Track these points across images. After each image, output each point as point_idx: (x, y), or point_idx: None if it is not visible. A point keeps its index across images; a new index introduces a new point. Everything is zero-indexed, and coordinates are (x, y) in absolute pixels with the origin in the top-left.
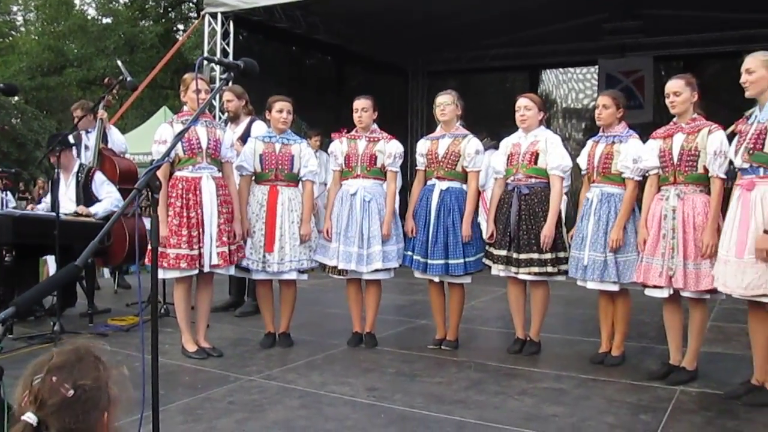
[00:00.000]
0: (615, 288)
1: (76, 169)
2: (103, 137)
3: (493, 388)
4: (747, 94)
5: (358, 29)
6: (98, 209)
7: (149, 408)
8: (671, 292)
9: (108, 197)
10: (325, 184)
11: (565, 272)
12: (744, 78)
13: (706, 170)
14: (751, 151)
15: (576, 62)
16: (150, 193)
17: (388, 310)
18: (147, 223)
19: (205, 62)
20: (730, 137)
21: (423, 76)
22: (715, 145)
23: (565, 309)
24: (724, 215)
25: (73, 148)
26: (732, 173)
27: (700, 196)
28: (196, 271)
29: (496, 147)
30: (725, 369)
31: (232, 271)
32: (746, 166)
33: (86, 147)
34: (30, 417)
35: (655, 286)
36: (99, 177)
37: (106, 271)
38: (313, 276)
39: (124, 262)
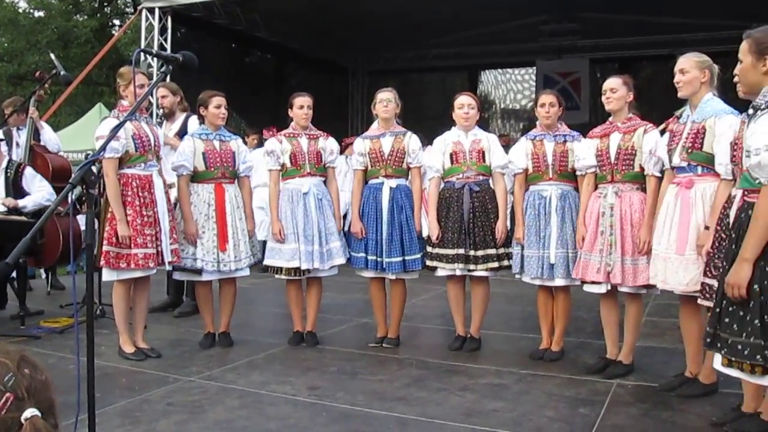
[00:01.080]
0: (578, 283)
1: (4, 164)
2: (35, 134)
3: (435, 385)
4: (680, 94)
5: (299, 27)
6: (27, 202)
7: (85, 411)
8: (609, 287)
9: (39, 191)
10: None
11: (509, 267)
12: (678, 78)
13: (642, 168)
14: (689, 150)
15: (514, 63)
16: (86, 189)
17: (329, 308)
18: (82, 222)
19: (143, 56)
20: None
21: (363, 75)
22: (650, 144)
23: (505, 306)
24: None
25: (2, 143)
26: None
27: (636, 194)
28: (155, 270)
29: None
30: (660, 362)
31: (175, 272)
32: (684, 164)
33: (17, 144)
34: (33, 411)
35: (593, 282)
36: (30, 171)
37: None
38: (252, 275)
39: (58, 263)
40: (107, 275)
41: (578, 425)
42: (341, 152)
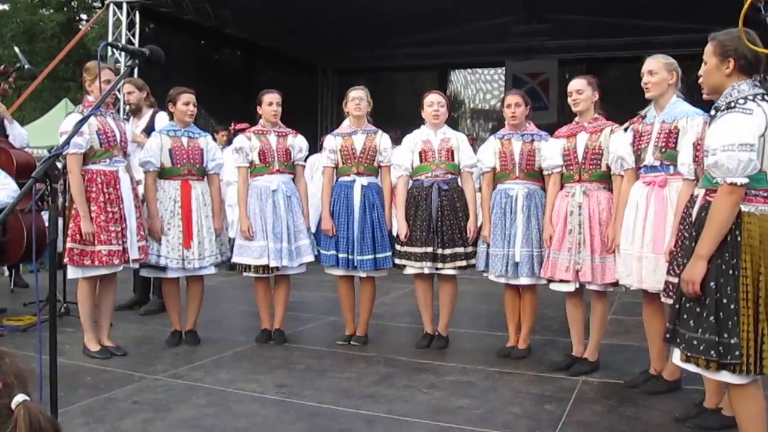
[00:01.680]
0: (544, 282)
1: None
2: (1, 128)
3: (402, 382)
4: (648, 95)
5: (269, 24)
6: None
7: (48, 410)
8: (577, 286)
9: (3, 189)
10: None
11: (473, 265)
12: (646, 79)
13: (609, 168)
14: (663, 150)
15: (484, 63)
16: (49, 183)
17: (298, 306)
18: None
19: (109, 51)
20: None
21: (333, 74)
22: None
23: (472, 304)
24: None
25: None
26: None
27: (604, 193)
28: (121, 267)
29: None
30: (625, 359)
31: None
32: (657, 164)
33: None
34: (22, 396)
35: (561, 281)
36: None
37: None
38: (220, 273)
39: (22, 260)
40: (72, 273)
41: (544, 421)
42: (319, 150)
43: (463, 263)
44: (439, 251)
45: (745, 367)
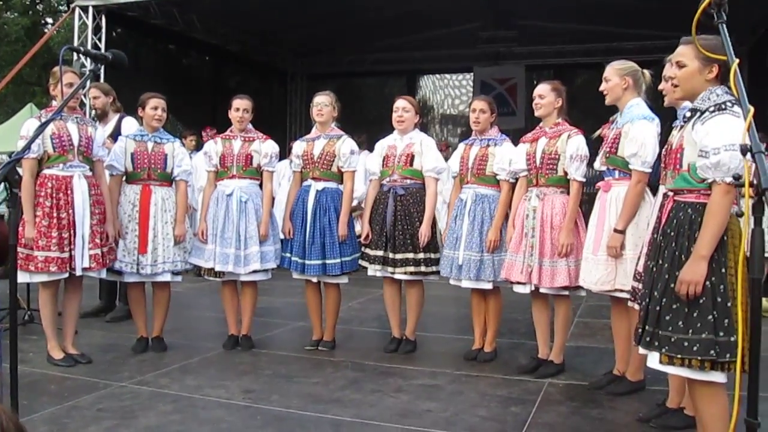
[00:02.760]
0: (489, 286)
1: None
2: None
3: (370, 387)
4: (606, 101)
5: (237, 29)
6: None
7: None
8: (532, 288)
9: None
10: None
11: (438, 272)
12: (602, 86)
13: (566, 173)
14: (607, 155)
15: (452, 69)
16: (9, 188)
17: (266, 312)
18: None
19: (75, 55)
20: (599, 142)
21: (302, 79)
22: (572, 150)
23: (439, 308)
24: (587, 217)
25: None
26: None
27: (559, 197)
28: (66, 275)
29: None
30: (590, 361)
31: (103, 274)
32: (603, 168)
33: None
34: None
35: (518, 282)
36: None
37: None
38: (188, 279)
39: None
40: (21, 277)
41: (510, 424)
42: (288, 156)
43: (412, 269)
44: (390, 255)
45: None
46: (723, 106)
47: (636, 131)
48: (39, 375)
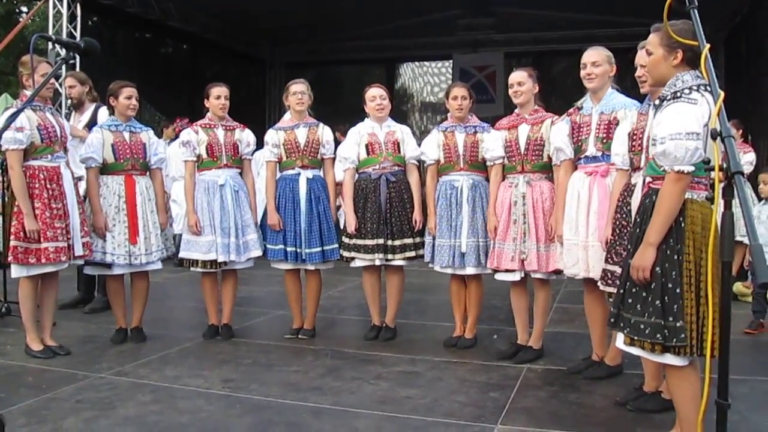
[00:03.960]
0: (489, 271)
1: None
2: None
3: (350, 374)
4: (590, 86)
5: (214, 17)
6: None
7: None
8: (522, 275)
9: None
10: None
11: (422, 255)
12: (590, 70)
13: (551, 159)
14: (604, 140)
15: (431, 56)
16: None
17: (246, 301)
18: None
19: (49, 44)
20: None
21: (280, 67)
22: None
23: (419, 295)
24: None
25: None
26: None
27: (546, 183)
28: (67, 264)
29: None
30: (569, 347)
31: (88, 269)
32: (599, 154)
33: None
34: None
35: (507, 270)
36: None
37: None
38: (167, 269)
39: None
40: (16, 271)
41: (489, 409)
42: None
43: (413, 254)
44: (390, 242)
45: (688, 349)
46: (679, 94)
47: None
48: (17, 367)
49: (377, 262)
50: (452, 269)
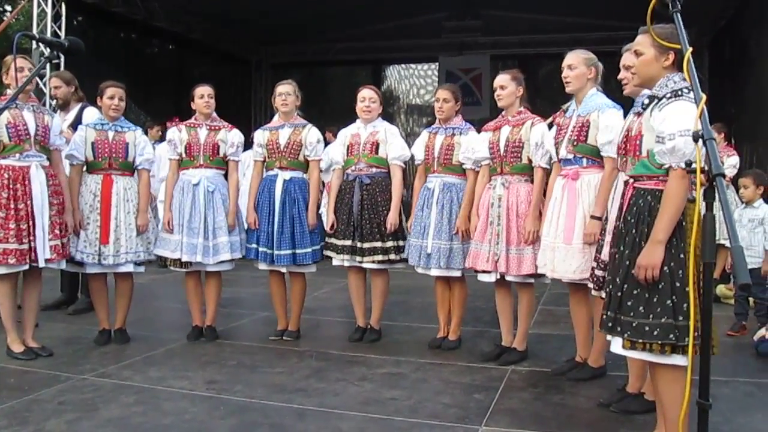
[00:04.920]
0: (458, 274)
1: None
2: None
3: (334, 376)
4: (568, 89)
5: (200, 18)
6: None
7: None
8: (498, 276)
9: None
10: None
11: (405, 260)
12: (566, 73)
13: (530, 161)
14: (575, 143)
15: (418, 59)
16: None
17: (230, 302)
18: None
19: (33, 43)
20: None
21: (267, 68)
22: (536, 137)
23: (404, 297)
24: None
25: None
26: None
27: (524, 185)
28: (26, 267)
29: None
30: (553, 348)
31: (63, 265)
32: (570, 156)
33: None
34: None
35: (483, 271)
36: None
37: None
38: (151, 270)
39: None
40: None
41: (473, 410)
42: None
43: (380, 257)
44: (358, 245)
45: (697, 348)
46: (679, 93)
47: (608, 119)
48: None
49: (346, 263)
50: (421, 269)
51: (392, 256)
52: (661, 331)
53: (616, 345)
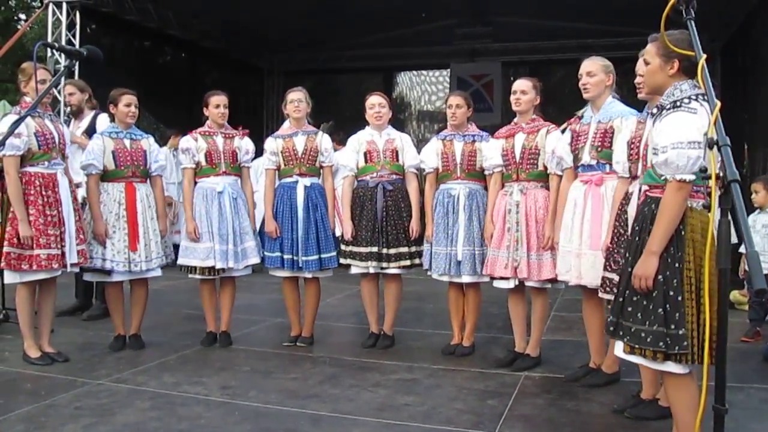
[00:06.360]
0: (487, 279)
1: None
2: None
3: (348, 382)
4: (586, 96)
5: (213, 26)
6: None
7: None
8: (516, 282)
9: None
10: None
11: (421, 264)
12: (584, 80)
13: (546, 167)
14: (599, 149)
15: (429, 65)
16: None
17: (244, 309)
18: None
19: (48, 51)
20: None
21: (279, 75)
22: (552, 144)
23: (417, 303)
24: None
25: None
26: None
27: (541, 192)
28: (60, 272)
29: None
30: (566, 354)
31: (87, 276)
32: (593, 162)
33: None
34: None
35: (501, 278)
36: None
37: None
38: (165, 276)
39: None
40: (9, 278)
41: (487, 416)
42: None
43: (408, 263)
44: (384, 251)
45: (690, 356)
46: (678, 103)
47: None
48: (15, 374)
49: (371, 270)
50: (449, 277)
51: (417, 260)
52: (653, 339)
53: (619, 349)
